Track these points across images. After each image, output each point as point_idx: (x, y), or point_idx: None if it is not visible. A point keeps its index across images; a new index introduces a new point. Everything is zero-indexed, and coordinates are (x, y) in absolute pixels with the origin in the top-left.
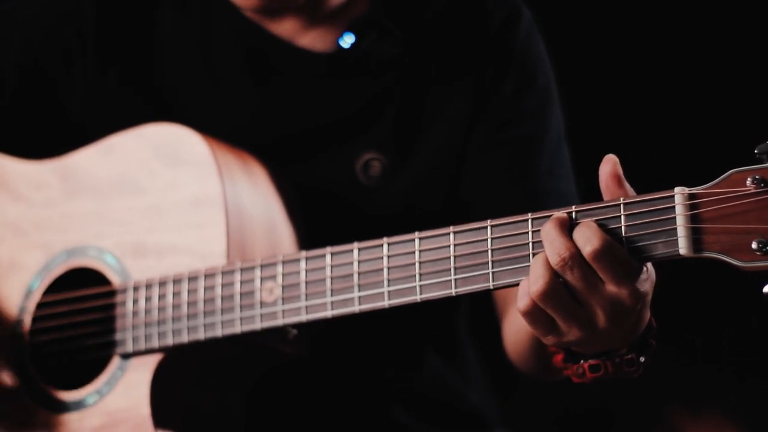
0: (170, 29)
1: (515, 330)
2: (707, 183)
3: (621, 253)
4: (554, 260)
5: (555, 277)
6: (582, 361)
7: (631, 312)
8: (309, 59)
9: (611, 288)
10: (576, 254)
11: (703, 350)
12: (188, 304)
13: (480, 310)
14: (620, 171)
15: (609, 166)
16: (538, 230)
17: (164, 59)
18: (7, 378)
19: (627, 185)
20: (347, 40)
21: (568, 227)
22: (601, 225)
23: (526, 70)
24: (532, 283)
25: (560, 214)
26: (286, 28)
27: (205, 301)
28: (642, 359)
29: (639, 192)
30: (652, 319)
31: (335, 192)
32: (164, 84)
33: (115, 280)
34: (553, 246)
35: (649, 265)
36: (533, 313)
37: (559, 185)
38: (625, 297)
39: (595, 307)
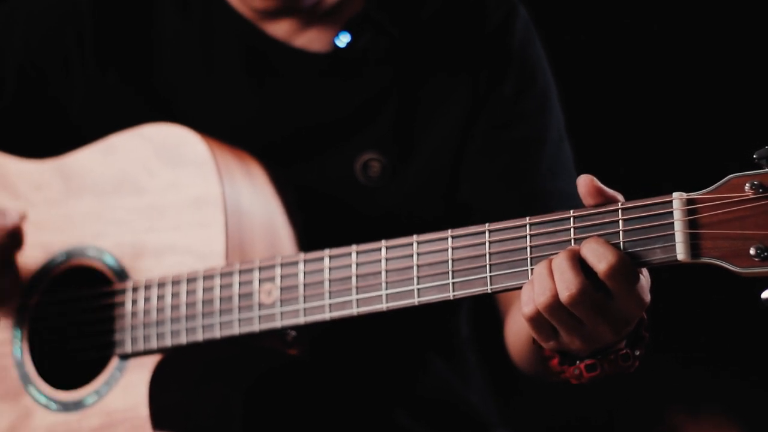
0: (170, 30)
1: (516, 330)
2: (705, 188)
3: (630, 264)
4: (564, 295)
5: None
6: (578, 362)
7: (633, 321)
8: (306, 59)
9: (620, 303)
10: (586, 290)
11: (703, 351)
12: (187, 305)
13: (481, 311)
14: (598, 184)
15: (583, 187)
16: (536, 234)
17: (164, 60)
18: (7, 378)
19: (609, 192)
20: (343, 40)
21: (578, 258)
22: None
23: (525, 71)
24: (538, 294)
25: (574, 246)
26: (282, 28)
27: (203, 302)
28: (637, 353)
29: (637, 197)
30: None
31: (334, 192)
32: (164, 84)
33: (114, 280)
34: (563, 278)
35: (645, 270)
36: (537, 321)
37: (561, 185)
38: (632, 309)
39: (602, 325)
